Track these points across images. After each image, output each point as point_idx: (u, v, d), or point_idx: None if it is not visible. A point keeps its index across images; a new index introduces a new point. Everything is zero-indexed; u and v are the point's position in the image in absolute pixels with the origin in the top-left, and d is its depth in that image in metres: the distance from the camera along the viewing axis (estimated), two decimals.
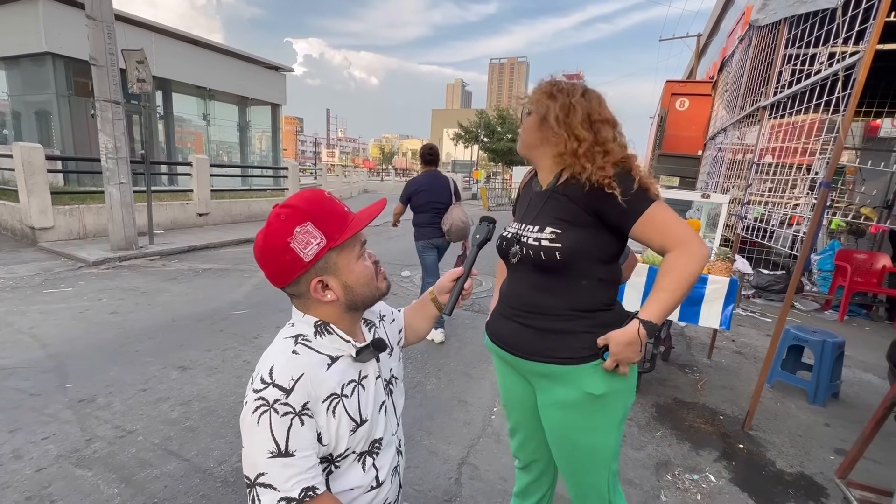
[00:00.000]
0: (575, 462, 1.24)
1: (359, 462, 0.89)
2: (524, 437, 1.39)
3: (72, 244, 6.39)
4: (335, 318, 0.87)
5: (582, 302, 1.16)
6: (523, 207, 1.30)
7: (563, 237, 1.13)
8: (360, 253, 0.88)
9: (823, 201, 2.24)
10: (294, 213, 0.80)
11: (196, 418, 2.43)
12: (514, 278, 1.27)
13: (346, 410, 0.84)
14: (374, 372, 0.93)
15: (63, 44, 9.87)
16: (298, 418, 0.76)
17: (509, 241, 1.25)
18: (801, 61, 2.90)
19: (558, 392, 1.18)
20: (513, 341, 1.23)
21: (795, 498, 2.09)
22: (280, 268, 0.81)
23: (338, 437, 0.83)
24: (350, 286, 0.85)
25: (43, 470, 1.97)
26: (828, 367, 2.97)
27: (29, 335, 3.41)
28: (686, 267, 1.06)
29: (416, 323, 1.17)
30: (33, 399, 2.54)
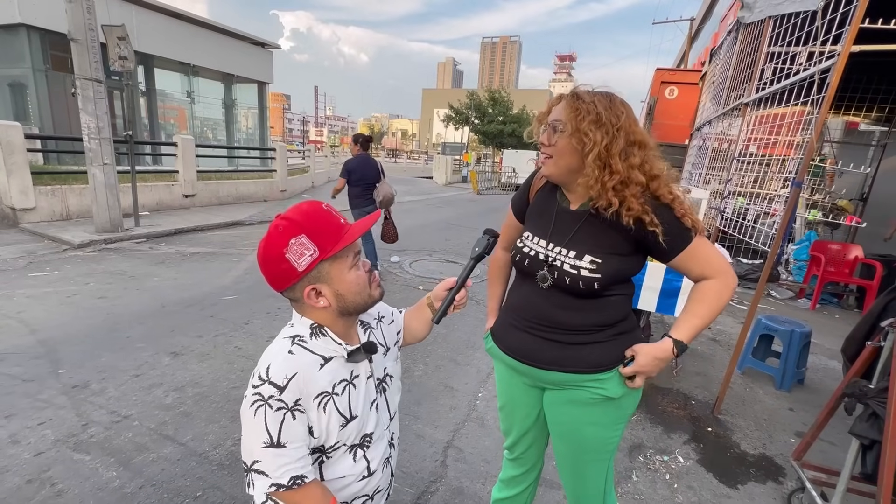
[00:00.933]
0: (579, 455, 1.30)
1: (350, 453, 0.96)
2: (519, 436, 1.45)
3: (55, 225, 6.30)
4: (329, 322, 0.94)
5: (608, 317, 1.19)
6: (547, 223, 1.23)
7: (604, 267, 1.12)
8: (353, 263, 0.93)
9: (795, 199, 2.35)
10: (290, 226, 0.86)
11: (190, 403, 2.50)
12: (532, 293, 1.24)
13: (336, 407, 0.91)
14: (365, 372, 1.00)
15: (39, 15, 9.48)
16: (290, 413, 0.84)
17: (535, 261, 1.20)
18: (782, 60, 2.97)
19: (574, 394, 1.22)
20: (530, 353, 1.24)
21: (756, 478, 2.26)
22: (276, 275, 0.88)
23: (328, 432, 0.90)
24: (342, 294, 0.91)
25: (42, 454, 2.03)
26: (794, 355, 3.15)
27: (17, 320, 3.41)
28: (721, 297, 1.13)
29: (414, 325, 1.23)
30: (26, 385, 2.58)
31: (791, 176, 2.56)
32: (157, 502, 1.82)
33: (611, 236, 1.13)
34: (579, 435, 1.27)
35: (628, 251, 1.14)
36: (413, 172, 27.40)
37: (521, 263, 1.25)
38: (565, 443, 1.31)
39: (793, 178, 2.47)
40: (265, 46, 16.31)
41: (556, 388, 1.26)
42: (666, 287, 2.69)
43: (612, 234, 1.13)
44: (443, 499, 1.95)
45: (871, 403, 1.58)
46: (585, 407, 1.22)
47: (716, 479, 2.22)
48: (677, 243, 1.11)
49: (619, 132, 1.07)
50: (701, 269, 1.14)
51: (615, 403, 1.21)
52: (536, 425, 1.41)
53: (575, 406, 1.24)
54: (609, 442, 1.27)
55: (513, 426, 1.45)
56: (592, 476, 1.31)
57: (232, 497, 1.86)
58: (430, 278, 5.29)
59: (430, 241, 7.38)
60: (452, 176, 21.72)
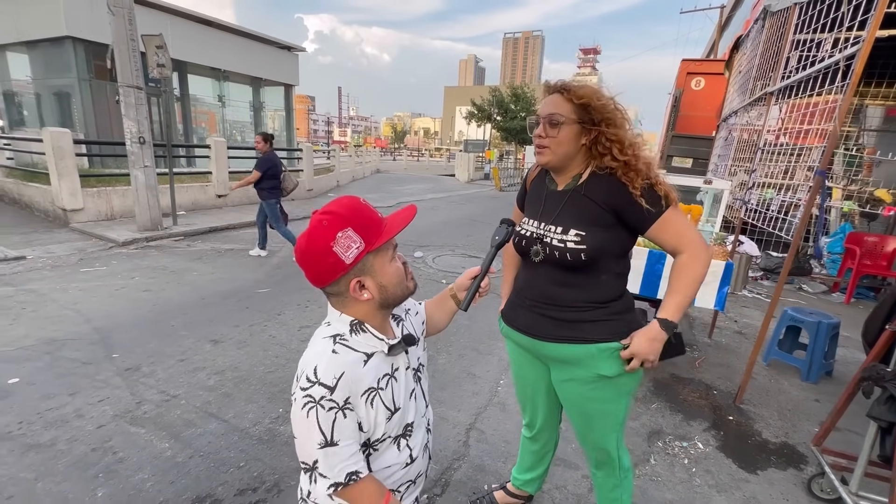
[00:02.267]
0: (588, 425, 1.42)
1: (394, 444, 0.99)
2: (533, 410, 1.58)
3: (101, 225, 6.72)
4: (368, 316, 0.95)
5: (599, 295, 1.27)
6: (537, 205, 1.36)
7: (588, 239, 1.22)
8: (393, 255, 0.96)
9: (817, 189, 2.34)
10: (336, 220, 0.87)
11: (230, 385, 2.69)
12: (532, 273, 1.35)
13: (382, 401, 0.94)
14: (404, 364, 1.03)
15: (83, 27, 10.04)
16: (342, 412, 0.86)
17: (529, 239, 1.32)
18: (808, 47, 2.93)
19: (574, 371, 1.33)
20: (532, 328, 1.35)
21: (776, 464, 2.28)
22: (323, 269, 0.88)
23: (376, 425, 0.93)
24: (384, 286, 0.93)
25: (103, 427, 2.25)
26: (821, 347, 3.11)
27: (73, 310, 3.71)
28: (696, 270, 1.21)
29: (437, 316, 1.24)
30: (85, 367, 2.83)
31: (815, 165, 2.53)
32: (206, 470, 2.00)
33: (592, 210, 1.23)
34: (584, 409, 1.38)
35: (610, 223, 1.24)
36: (435, 170, 27.55)
37: (518, 245, 1.36)
38: (575, 415, 1.44)
39: (816, 166, 2.45)
40: (291, 50, 16.73)
41: (558, 365, 1.37)
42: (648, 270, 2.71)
43: (593, 208, 1.23)
44: (465, 475, 2.06)
45: (888, 386, 1.60)
46: (585, 384, 1.33)
47: (735, 465, 2.25)
48: (653, 211, 1.20)
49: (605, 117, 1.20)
50: (674, 241, 1.22)
51: (612, 382, 1.31)
52: (548, 399, 1.52)
53: (576, 384, 1.35)
54: (612, 416, 1.38)
55: (526, 400, 1.58)
56: (602, 444, 1.43)
57: (272, 468, 2.02)
58: (453, 272, 5.40)
59: (452, 237, 7.49)
60: (475, 173, 21.74)
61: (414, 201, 12.02)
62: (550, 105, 1.23)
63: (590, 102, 1.19)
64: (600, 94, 1.21)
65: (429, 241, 6.99)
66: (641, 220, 1.22)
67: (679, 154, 8.42)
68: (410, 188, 15.37)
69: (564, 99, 1.21)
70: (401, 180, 18.51)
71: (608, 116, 1.20)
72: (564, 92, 1.22)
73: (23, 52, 11.82)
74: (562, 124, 1.21)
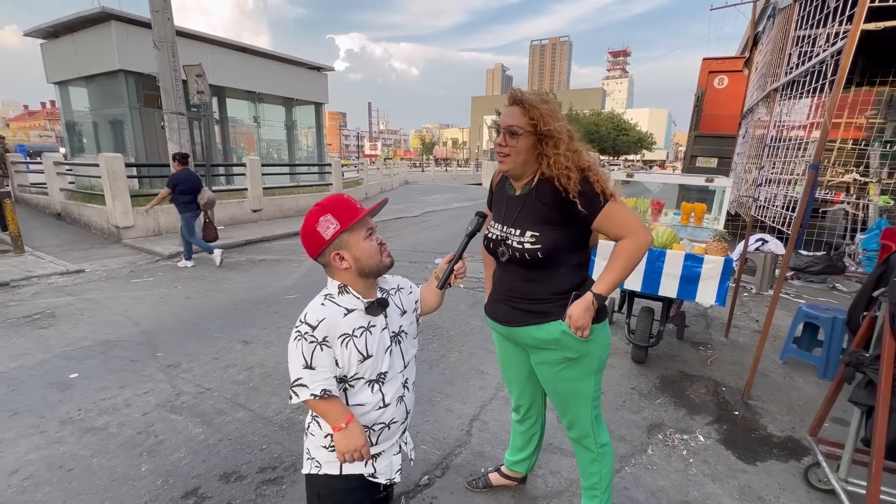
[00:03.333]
0: (563, 403, 1.58)
1: (367, 386, 1.24)
2: (519, 393, 1.76)
3: (149, 240, 7.32)
4: (351, 282, 1.21)
5: (560, 286, 1.44)
6: (501, 209, 1.52)
7: (542, 238, 1.38)
8: (367, 235, 1.20)
9: (811, 182, 2.36)
10: (320, 209, 1.17)
11: (257, 380, 2.95)
12: (503, 271, 1.54)
13: (355, 346, 1.17)
14: (381, 324, 1.25)
15: (133, 61, 11.00)
16: (320, 346, 1.13)
17: (496, 241, 1.50)
18: (807, 43, 2.94)
19: (545, 354, 1.51)
20: (507, 318, 1.54)
21: (778, 456, 2.29)
22: (311, 244, 1.18)
23: (349, 364, 1.18)
24: (358, 258, 1.19)
25: (147, 414, 2.55)
26: (838, 343, 3.05)
27: (124, 316, 4.13)
28: (631, 253, 1.36)
29: (427, 297, 1.45)
30: (133, 364, 3.17)
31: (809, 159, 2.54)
32: (233, 451, 2.24)
33: (543, 211, 1.39)
34: (557, 388, 1.54)
35: (559, 222, 1.39)
36: (463, 180, 27.83)
37: (487, 246, 1.55)
38: (551, 393, 1.59)
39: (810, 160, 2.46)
40: (321, 70, 17.55)
41: (533, 350, 1.53)
42: (685, 273, 2.77)
43: (544, 210, 1.39)
44: (466, 459, 2.21)
45: (867, 371, 1.63)
46: (555, 366, 1.50)
47: (734, 456, 2.28)
48: (594, 208, 1.34)
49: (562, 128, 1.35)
50: (617, 230, 1.36)
51: (576, 362, 1.47)
52: (530, 381, 1.67)
53: (548, 366, 1.52)
54: (584, 393, 1.52)
55: (511, 384, 1.74)
56: (578, 418, 1.57)
57: (290, 451, 2.24)
58: (472, 277, 5.55)
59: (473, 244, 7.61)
60: None
61: (439, 210, 12.28)
62: (510, 116, 1.38)
63: (537, 123, 1.34)
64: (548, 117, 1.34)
65: (450, 249, 7.16)
66: (584, 217, 1.36)
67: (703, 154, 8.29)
68: (436, 198, 15.67)
69: (522, 112, 1.36)
70: (428, 190, 18.87)
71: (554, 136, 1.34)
72: (522, 106, 1.37)
73: (82, 86, 13.02)
74: (519, 135, 1.36)
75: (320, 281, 1.25)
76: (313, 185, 13.07)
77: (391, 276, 1.39)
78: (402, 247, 7.41)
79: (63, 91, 13.58)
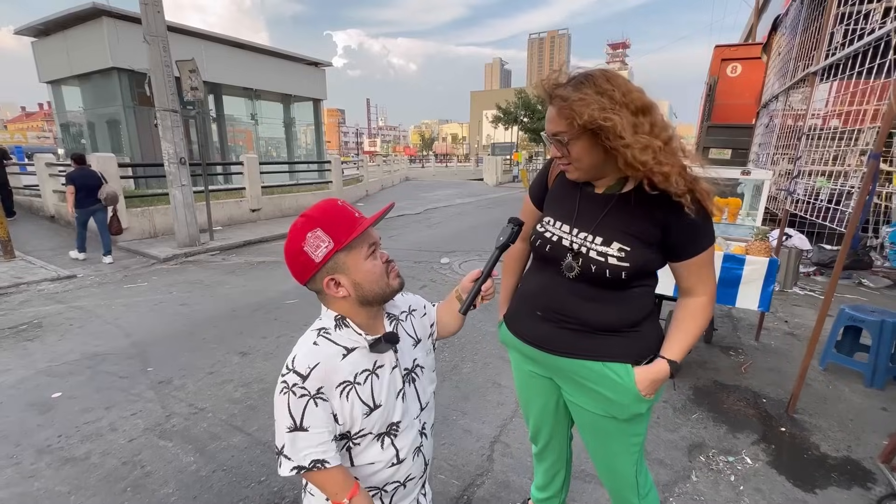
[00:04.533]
0: (602, 448, 1.29)
1: (377, 441, 0.99)
2: (537, 427, 1.46)
3: (144, 243, 7.08)
4: (351, 313, 0.97)
5: (628, 315, 1.14)
6: (569, 208, 1.17)
7: (633, 256, 1.06)
8: (369, 253, 0.95)
9: (872, 173, 2.10)
10: (307, 222, 0.91)
11: (256, 398, 2.71)
12: (553, 282, 1.18)
13: (358, 396, 0.95)
14: (390, 362, 1.01)
15: (126, 58, 10.72)
16: (313, 400, 0.89)
17: (558, 246, 1.15)
18: (854, 20, 2.67)
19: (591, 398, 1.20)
20: (545, 340, 1.21)
21: (838, 482, 2.04)
22: (298, 268, 0.93)
23: (352, 419, 0.94)
24: (359, 283, 0.94)
25: (134, 440, 2.31)
26: (887, 348, 2.80)
27: (115, 325, 3.89)
28: (708, 316, 1.13)
29: (445, 318, 1.22)
30: (122, 381, 2.94)
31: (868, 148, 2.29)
32: (228, 485, 2.00)
33: (639, 222, 1.07)
34: (598, 427, 1.25)
35: (656, 239, 1.08)
36: (464, 175, 27.52)
37: (541, 249, 1.20)
38: (588, 435, 1.30)
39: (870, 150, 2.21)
40: (318, 66, 17.24)
41: (571, 381, 1.23)
42: (725, 276, 2.51)
43: (640, 221, 1.08)
44: (489, 492, 1.97)
45: None
46: (596, 411, 1.21)
47: (789, 483, 2.03)
48: (693, 242, 1.07)
49: (622, 108, 0.98)
50: (697, 282, 1.11)
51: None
52: (555, 416, 1.40)
53: (587, 411, 1.23)
54: (632, 433, 1.24)
55: (529, 415, 1.46)
56: (622, 466, 1.29)
57: (292, 482, 2.00)
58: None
59: (480, 241, 7.40)
60: (503, 176, 21.56)
61: (442, 207, 12.02)
62: (550, 122, 1.07)
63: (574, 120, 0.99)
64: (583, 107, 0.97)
65: (456, 247, 6.93)
66: (685, 249, 1.08)
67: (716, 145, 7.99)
68: (438, 194, 15.39)
69: (558, 113, 1.03)
70: (429, 187, 18.59)
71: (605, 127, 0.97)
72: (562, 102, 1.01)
73: (75, 85, 12.75)
74: (567, 143, 1.05)
75: None
76: (313, 183, 12.81)
77: (401, 295, 1.13)
78: (404, 246, 7.15)
79: (56, 90, 13.32)
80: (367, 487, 1.02)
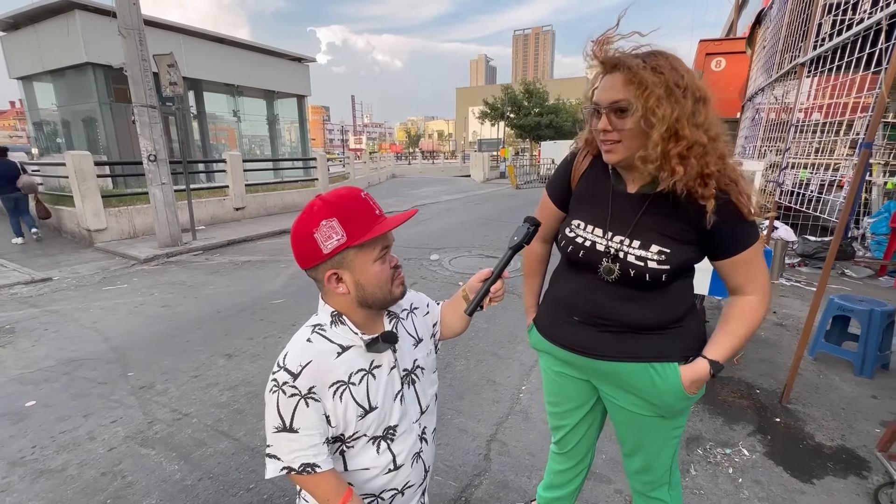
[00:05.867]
0: (640, 443, 1.24)
1: (372, 445, 0.94)
2: (568, 431, 1.39)
3: (124, 243, 6.86)
4: (348, 311, 0.93)
5: (672, 312, 1.10)
6: (601, 210, 1.11)
7: (673, 257, 1.02)
8: (380, 256, 0.90)
9: (863, 163, 2.11)
10: (325, 207, 0.85)
11: (243, 401, 2.62)
12: (589, 286, 1.14)
13: (352, 397, 0.89)
14: (388, 362, 0.96)
15: (101, 53, 10.35)
16: (304, 400, 0.84)
17: (593, 252, 1.10)
18: (842, 10, 2.68)
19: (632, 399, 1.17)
20: (584, 344, 1.17)
21: (834, 471, 2.05)
22: (302, 252, 0.88)
23: (346, 421, 0.89)
24: (362, 285, 0.89)
25: (114, 449, 2.20)
26: (875, 337, 2.83)
27: (93, 329, 3.74)
28: (759, 318, 1.06)
29: (450, 318, 1.17)
30: (101, 387, 2.81)
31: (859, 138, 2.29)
32: (215, 493, 1.91)
33: (676, 222, 1.03)
34: (639, 425, 1.21)
35: (693, 239, 1.03)
36: (451, 172, 27.46)
37: (574, 255, 1.14)
38: (629, 431, 1.25)
39: (861, 139, 2.21)
40: (302, 61, 16.96)
41: (610, 383, 1.20)
42: None
43: (677, 221, 1.02)
44: (487, 492, 1.92)
45: None
46: (638, 411, 1.18)
47: (786, 473, 2.03)
48: (735, 241, 1.01)
49: (686, 94, 0.93)
50: (745, 281, 1.05)
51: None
52: (588, 419, 1.36)
53: (628, 411, 1.20)
54: (673, 426, 1.21)
55: (563, 421, 1.39)
56: (660, 461, 1.26)
57: (282, 489, 1.93)
58: (470, 274, 5.24)
59: (469, 237, 7.35)
60: (490, 172, 21.52)
61: (430, 203, 11.93)
62: (611, 90, 0.97)
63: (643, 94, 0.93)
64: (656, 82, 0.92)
65: (445, 244, 6.87)
66: (727, 246, 1.03)
67: None
68: (426, 191, 15.30)
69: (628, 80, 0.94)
70: (416, 183, 18.48)
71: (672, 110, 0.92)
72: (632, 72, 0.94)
73: (48, 81, 12.30)
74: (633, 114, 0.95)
75: (311, 284, 0.93)
76: (298, 180, 12.61)
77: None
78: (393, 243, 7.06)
79: (27, 87, 12.84)
80: (362, 494, 0.96)
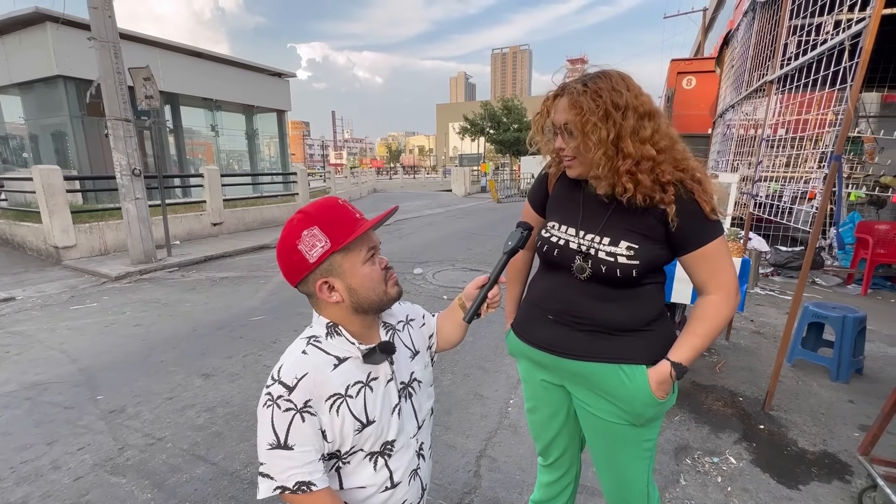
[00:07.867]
0: (610, 456, 1.22)
1: (369, 461, 0.91)
2: (549, 440, 1.37)
3: (94, 261, 6.59)
4: (344, 320, 0.91)
5: (643, 313, 1.11)
6: (573, 210, 1.16)
7: (641, 253, 1.05)
8: (368, 257, 0.90)
9: (834, 174, 2.19)
10: (304, 218, 0.86)
11: (221, 423, 2.51)
12: (563, 284, 1.16)
13: (349, 410, 0.87)
14: (385, 375, 0.94)
15: (73, 66, 10.09)
16: (300, 415, 0.81)
17: (566, 250, 1.13)
18: (806, 32, 2.82)
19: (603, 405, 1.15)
20: (557, 343, 1.17)
21: (819, 476, 2.07)
22: (289, 266, 0.87)
23: (342, 436, 0.87)
24: (354, 289, 0.88)
25: (80, 479, 2.06)
26: (849, 343, 2.92)
27: (59, 351, 3.55)
28: (721, 315, 1.06)
29: (447, 329, 1.16)
30: (67, 412, 2.65)
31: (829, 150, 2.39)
32: None
33: (644, 220, 1.06)
34: (609, 432, 1.18)
35: (661, 236, 1.06)
36: (432, 187, 27.60)
37: (549, 254, 1.16)
38: (597, 441, 1.23)
39: (830, 152, 2.31)
40: (282, 76, 16.88)
41: (582, 386, 1.18)
42: None
43: (645, 218, 1.06)
44: None
45: None
46: (608, 419, 1.16)
47: (773, 480, 2.05)
48: (697, 235, 1.03)
49: (626, 113, 0.99)
50: (708, 276, 1.06)
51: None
52: (567, 427, 1.33)
53: (597, 418, 1.17)
54: (644, 439, 1.18)
55: (541, 429, 1.37)
56: (634, 476, 1.22)
57: None
58: (454, 287, 5.23)
59: (451, 251, 7.35)
60: (471, 187, 21.72)
61: (412, 217, 11.92)
62: (561, 112, 1.06)
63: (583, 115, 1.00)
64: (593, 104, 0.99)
65: (428, 258, 6.84)
66: (690, 241, 1.04)
67: None
68: (408, 205, 15.29)
69: (571, 104, 1.03)
70: (398, 198, 18.47)
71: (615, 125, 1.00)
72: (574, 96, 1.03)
73: (15, 94, 11.90)
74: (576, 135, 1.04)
75: (292, 299, 0.91)
76: (278, 195, 12.44)
77: (399, 304, 1.06)
78: None
79: None
80: None
